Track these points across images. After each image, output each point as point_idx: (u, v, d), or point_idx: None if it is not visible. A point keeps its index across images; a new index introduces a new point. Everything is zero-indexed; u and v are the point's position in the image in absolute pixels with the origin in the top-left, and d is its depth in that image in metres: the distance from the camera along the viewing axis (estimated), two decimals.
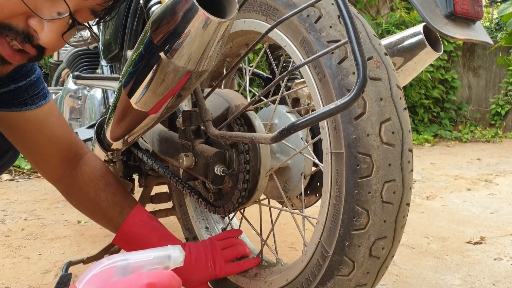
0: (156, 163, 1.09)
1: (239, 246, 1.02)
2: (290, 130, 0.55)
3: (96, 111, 1.57)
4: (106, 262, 0.51)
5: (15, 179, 2.87)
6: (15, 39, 0.63)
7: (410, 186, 0.72)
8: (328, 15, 0.72)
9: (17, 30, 0.62)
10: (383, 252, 0.72)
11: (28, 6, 0.59)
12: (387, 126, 0.68)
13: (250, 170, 0.85)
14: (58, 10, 0.61)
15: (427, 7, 0.69)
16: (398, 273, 1.38)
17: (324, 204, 0.74)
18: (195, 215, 1.19)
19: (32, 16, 0.61)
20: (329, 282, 0.74)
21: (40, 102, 0.92)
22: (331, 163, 0.72)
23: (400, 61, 0.99)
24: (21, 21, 0.61)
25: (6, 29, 0.61)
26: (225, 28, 0.59)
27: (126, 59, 1.16)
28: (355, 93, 0.48)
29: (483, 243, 1.70)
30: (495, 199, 2.46)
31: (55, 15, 0.62)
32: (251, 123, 0.88)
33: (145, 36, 0.64)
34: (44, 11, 0.61)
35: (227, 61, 1.12)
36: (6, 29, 0.61)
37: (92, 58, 1.73)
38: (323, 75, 0.71)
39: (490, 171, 3.42)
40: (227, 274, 0.98)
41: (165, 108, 0.72)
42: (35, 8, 0.60)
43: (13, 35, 0.62)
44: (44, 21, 0.62)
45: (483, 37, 0.74)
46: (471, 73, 6.84)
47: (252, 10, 0.86)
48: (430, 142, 5.42)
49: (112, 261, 0.50)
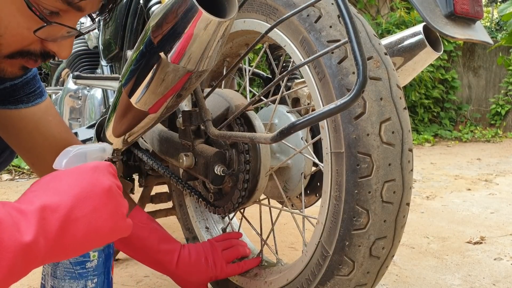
0: (156, 163, 1.09)
1: (239, 247, 1.02)
2: (290, 130, 0.55)
3: (96, 111, 1.57)
4: (72, 150, 0.69)
5: (15, 179, 2.87)
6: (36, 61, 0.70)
7: (410, 186, 0.72)
8: (328, 15, 0.72)
9: (36, 53, 0.69)
10: (383, 252, 0.72)
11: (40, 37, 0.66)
12: (387, 125, 0.68)
13: (250, 170, 0.85)
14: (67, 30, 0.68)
15: (427, 7, 0.69)
16: (398, 273, 1.38)
17: (324, 204, 0.74)
18: (195, 215, 1.19)
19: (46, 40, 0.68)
20: (329, 282, 0.74)
21: (36, 100, 0.92)
22: (331, 163, 0.72)
23: (400, 61, 0.99)
24: (37, 45, 0.68)
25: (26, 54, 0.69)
26: (225, 28, 0.59)
27: (126, 59, 1.16)
28: (355, 93, 0.48)
29: (483, 243, 1.70)
30: (495, 199, 2.46)
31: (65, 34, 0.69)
32: (251, 123, 0.88)
33: (145, 36, 0.64)
34: (56, 36, 0.68)
35: (227, 61, 1.12)
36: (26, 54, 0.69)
37: (92, 58, 1.73)
38: (323, 75, 0.71)
39: (490, 171, 3.42)
40: (227, 275, 0.98)
41: (165, 108, 0.72)
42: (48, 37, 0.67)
43: (34, 58, 0.69)
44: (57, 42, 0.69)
45: (483, 37, 0.74)
46: (471, 73, 6.84)
47: (252, 10, 0.86)
48: (430, 142, 5.42)
49: (75, 150, 0.69)
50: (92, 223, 0.58)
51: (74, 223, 0.56)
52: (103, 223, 0.60)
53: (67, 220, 0.56)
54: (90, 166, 0.63)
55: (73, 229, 0.56)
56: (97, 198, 0.60)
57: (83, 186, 0.59)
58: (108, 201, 0.61)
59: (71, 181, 0.60)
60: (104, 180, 0.62)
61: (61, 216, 0.55)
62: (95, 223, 0.59)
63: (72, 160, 0.68)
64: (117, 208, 0.62)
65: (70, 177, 0.61)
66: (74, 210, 0.57)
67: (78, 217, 0.57)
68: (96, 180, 0.61)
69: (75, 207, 0.57)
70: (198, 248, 0.98)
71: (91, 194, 0.59)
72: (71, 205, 0.57)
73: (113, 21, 1.31)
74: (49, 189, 0.59)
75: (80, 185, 0.59)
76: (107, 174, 0.63)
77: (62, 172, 0.63)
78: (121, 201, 0.63)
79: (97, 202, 0.59)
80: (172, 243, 0.96)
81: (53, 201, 0.56)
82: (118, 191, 0.64)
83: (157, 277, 1.30)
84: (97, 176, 0.62)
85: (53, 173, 0.63)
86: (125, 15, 1.23)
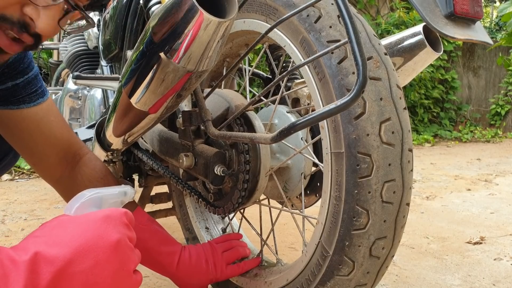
0: (156, 163, 1.09)
1: (239, 248, 1.02)
2: (290, 130, 0.55)
3: (96, 111, 1.57)
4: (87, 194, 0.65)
5: (15, 179, 2.87)
6: (11, 29, 0.62)
7: (410, 186, 0.72)
8: (328, 15, 0.72)
9: (13, 20, 0.62)
10: (383, 252, 0.72)
11: None
12: (387, 126, 0.68)
13: (250, 170, 0.85)
14: None
15: (427, 7, 0.69)
16: (398, 273, 1.38)
17: (324, 204, 0.74)
18: (195, 215, 1.19)
19: (27, 4, 0.61)
20: (329, 282, 0.74)
21: (38, 100, 0.91)
22: (331, 163, 0.72)
23: (400, 61, 0.99)
24: (16, 10, 0.61)
25: (1, 19, 0.61)
26: (225, 28, 0.59)
27: (126, 59, 1.16)
28: (355, 93, 0.48)
29: (483, 243, 1.70)
30: (495, 199, 2.46)
31: (50, 2, 0.62)
32: (251, 123, 0.88)
33: (145, 36, 0.64)
34: None
35: (227, 61, 1.12)
36: (1, 19, 0.61)
37: (92, 58, 1.73)
38: (323, 75, 0.71)
39: (490, 171, 3.42)
40: (228, 277, 0.98)
41: (165, 108, 0.72)
42: None
43: (9, 25, 0.62)
44: (39, 8, 0.61)
45: (483, 37, 0.74)
46: (471, 73, 6.85)
47: (252, 10, 0.86)
48: (430, 142, 5.42)
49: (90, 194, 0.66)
50: (90, 279, 0.54)
51: (69, 277, 0.52)
52: (104, 279, 0.55)
53: (61, 274, 0.52)
54: (101, 215, 0.58)
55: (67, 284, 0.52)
56: (100, 252, 0.55)
57: (88, 237, 0.55)
58: (113, 256, 0.55)
59: (75, 231, 0.55)
60: (113, 233, 0.56)
61: (55, 270, 0.51)
62: (94, 279, 0.54)
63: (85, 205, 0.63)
64: (123, 264, 0.57)
65: (76, 226, 0.56)
66: (72, 264, 0.53)
67: (75, 272, 0.53)
68: (103, 232, 0.56)
69: (74, 261, 0.53)
70: (199, 250, 0.98)
71: (94, 247, 0.54)
72: (69, 258, 0.52)
73: (113, 21, 1.31)
74: (51, 237, 0.55)
75: (85, 237, 0.55)
76: (119, 225, 0.58)
77: (70, 218, 0.59)
78: (130, 256, 0.58)
79: (100, 257, 0.54)
80: (172, 245, 0.96)
81: (50, 253, 0.52)
82: (128, 244, 0.58)
83: (157, 278, 1.30)
84: (106, 227, 0.56)
85: (61, 218, 0.59)
86: (125, 15, 1.23)
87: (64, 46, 1.82)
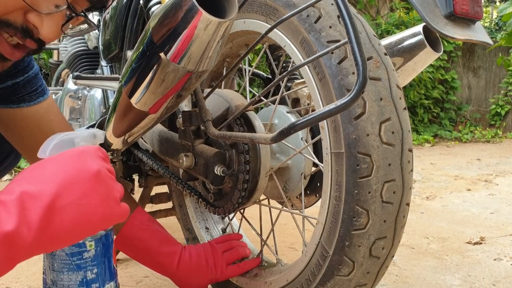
0: (156, 163, 1.09)
1: (239, 248, 1.02)
2: (290, 130, 0.55)
3: (96, 111, 1.57)
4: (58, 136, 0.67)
5: None
6: (15, 35, 0.63)
7: (410, 186, 0.72)
8: (328, 15, 0.72)
9: (16, 26, 0.62)
10: (383, 252, 0.72)
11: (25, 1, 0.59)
12: (387, 126, 0.68)
13: (250, 170, 0.85)
14: (56, 2, 0.62)
15: (427, 7, 0.69)
16: (398, 273, 1.38)
17: (324, 204, 0.74)
18: (195, 215, 1.19)
19: (29, 10, 0.61)
20: (329, 282, 0.74)
21: (38, 98, 0.91)
22: (331, 163, 0.72)
23: (400, 61, 0.99)
24: (19, 16, 0.61)
25: (4, 25, 0.61)
26: (225, 29, 0.59)
27: (126, 59, 1.16)
28: (355, 93, 0.48)
29: (483, 243, 1.70)
30: (495, 199, 2.46)
31: (53, 8, 0.62)
32: (251, 123, 0.88)
33: (145, 36, 0.64)
34: (42, 5, 0.61)
35: (227, 61, 1.12)
36: (4, 25, 0.61)
37: (92, 59, 1.73)
38: (323, 75, 0.71)
39: (490, 171, 3.42)
40: (228, 277, 0.98)
41: (165, 108, 0.72)
42: (33, 3, 0.60)
43: (12, 31, 0.62)
44: (42, 15, 0.62)
45: (482, 37, 0.74)
46: (471, 73, 6.85)
47: (252, 10, 0.86)
48: (430, 142, 5.42)
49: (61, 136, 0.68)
50: (80, 209, 0.55)
51: (60, 211, 0.54)
52: (94, 209, 0.56)
53: (51, 208, 0.53)
54: (77, 151, 0.60)
55: (60, 217, 0.54)
56: (84, 183, 0.56)
57: (69, 171, 0.56)
58: (97, 186, 0.57)
59: (55, 168, 0.57)
60: (92, 164, 0.58)
61: (44, 204, 0.52)
62: (84, 210, 0.56)
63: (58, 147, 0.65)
64: (109, 192, 0.58)
65: (54, 163, 0.58)
66: (59, 198, 0.54)
67: (64, 205, 0.54)
68: (82, 165, 0.57)
69: (60, 194, 0.54)
70: (199, 250, 0.98)
71: (77, 179, 0.56)
72: (55, 192, 0.54)
73: (113, 22, 1.31)
74: (32, 177, 0.56)
75: (65, 171, 0.56)
76: (96, 158, 0.60)
77: (46, 159, 0.60)
78: (113, 185, 0.60)
79: (85, 188, 0.56)
80: (173, 245, 0.96)
81: (35, 189, 0.53)
82: (108, 174, 0.60)
83: (157, 278, 1.30)
84: (84, 160, 0.58)
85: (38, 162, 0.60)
86: (125, 15, 1.23)
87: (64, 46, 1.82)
